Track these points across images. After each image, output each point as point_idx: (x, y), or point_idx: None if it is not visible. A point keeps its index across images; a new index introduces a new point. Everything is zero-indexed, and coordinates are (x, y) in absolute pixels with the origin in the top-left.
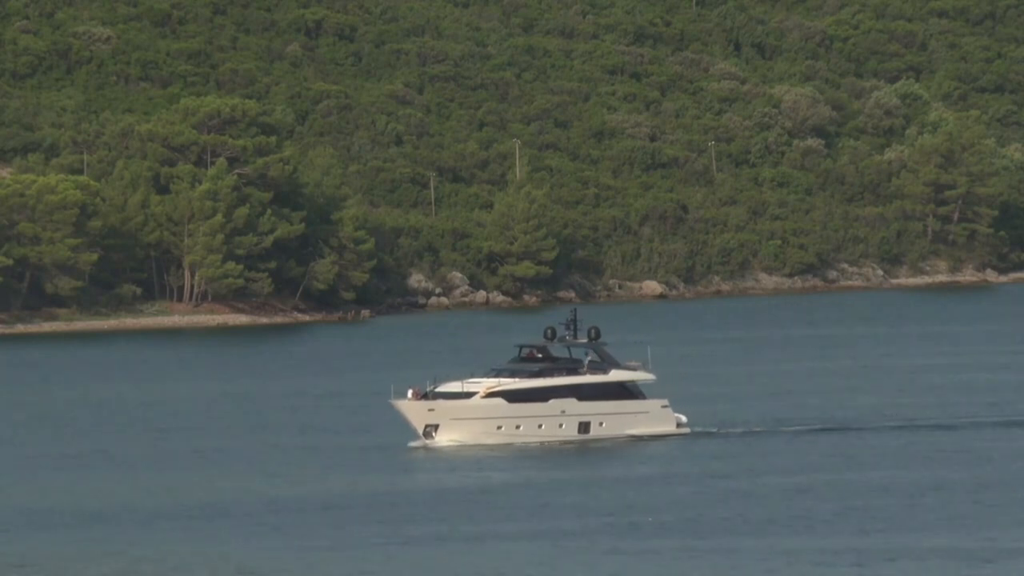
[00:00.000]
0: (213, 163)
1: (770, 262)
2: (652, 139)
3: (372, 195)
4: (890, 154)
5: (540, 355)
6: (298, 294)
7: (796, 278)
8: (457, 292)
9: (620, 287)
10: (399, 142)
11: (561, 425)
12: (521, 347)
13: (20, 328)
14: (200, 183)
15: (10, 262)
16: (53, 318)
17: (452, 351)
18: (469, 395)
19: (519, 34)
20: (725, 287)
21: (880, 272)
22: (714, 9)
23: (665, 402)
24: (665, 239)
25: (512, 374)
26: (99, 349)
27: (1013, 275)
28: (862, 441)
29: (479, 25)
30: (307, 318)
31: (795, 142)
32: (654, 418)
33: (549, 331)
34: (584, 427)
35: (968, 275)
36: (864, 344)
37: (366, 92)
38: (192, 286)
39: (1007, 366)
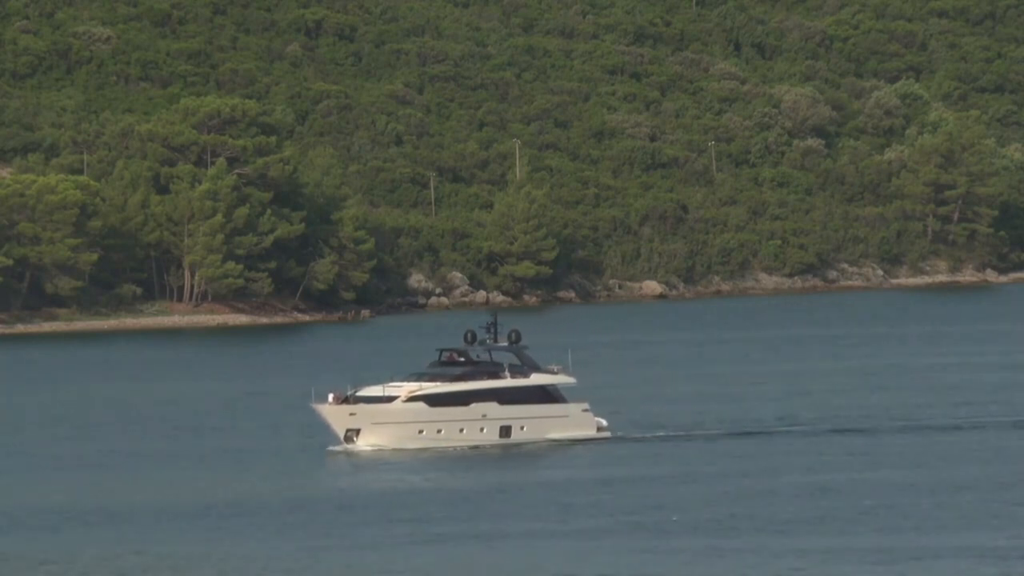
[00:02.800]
0: (213, 163)
1: (770, 262)
2: (652, 139)
3: (372, 195)
4: (890, 154)
5: (461, 359)
6: (298, 294)
7: (796, 278)
8: (457, 292)
9: (620, 287)
10: (399, 142)
11: (482, 429)
12: (441, 351)
13: (20, 328)
14: (200, 183)
15: (10, 262)
16: (53, 318)
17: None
18: (390, 399)
19: (519, 34)
20: (725, 287)
21: (880, 272)
22: (714, 9)
23: (586, 406)
24: (665, 239)
25: (433, 378)
26: (99, 349)
27: (1013, 275)
28: (773, 445)
29: (479, 25)
30: (307, 318)
31: (795, 142)
32: (575, 422)
33: (469, 335)
34: (505, 431)
35: (968, 275)
36: (829, 345)
37: (366, 92)
38: (192, 286)
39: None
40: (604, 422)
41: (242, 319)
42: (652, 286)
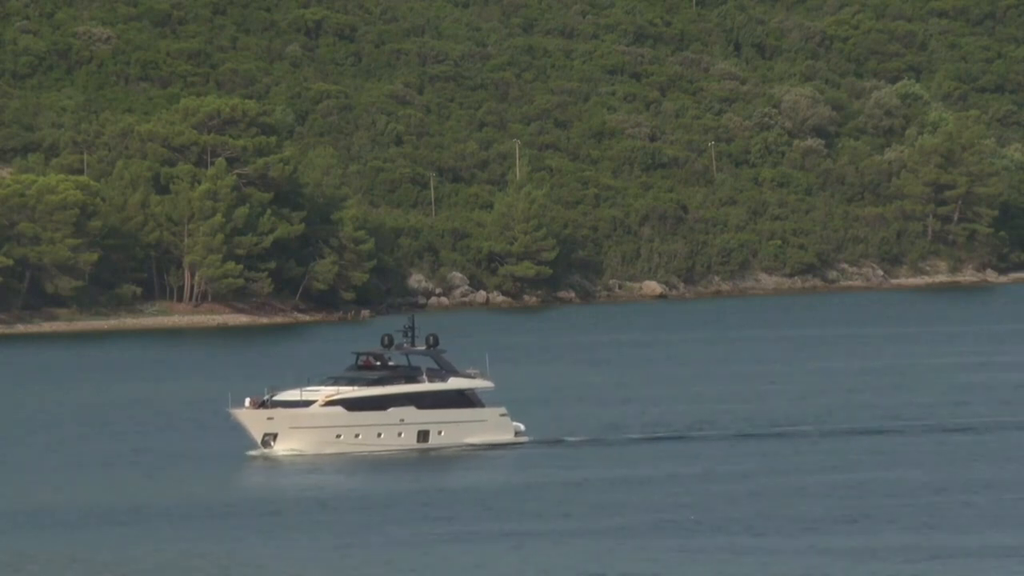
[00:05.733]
0: (213, 163)
1: (770, 262)
2: (652, 139)
3: (372, 195)
4: (890, 154)
5: (378, 363)
6: (298, 294)
7: (796, 278)
8: (457, 292)
9: (620, 287)
10: (399, 142)
11: (400, 434)
12: (358, 354)
13: (20, 328)
14: (200, 183)
15: (10, 262)
16: (53, 318)
17: (458, 351)
18: (308, 403)
19: (519, 34)
20: (725, 287)
21: (880, 272)
22: (714, 9)
23: (503, 410)
24: (665, 239)
25: (350, 382)
26: (99, 349)
27: (1013, 275)
28: (694, 449)
29: (479, 25)
30: (307, 318)
31: (795, 142)
32: (492, 426)
33: (386, 338)
34: (423, 436)
35: (968, 275)
36: (782, 348)
37: (366, 92)
38: (192, 286)
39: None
40: (522, 427)
41: (242, 319)
42: (652, 286)
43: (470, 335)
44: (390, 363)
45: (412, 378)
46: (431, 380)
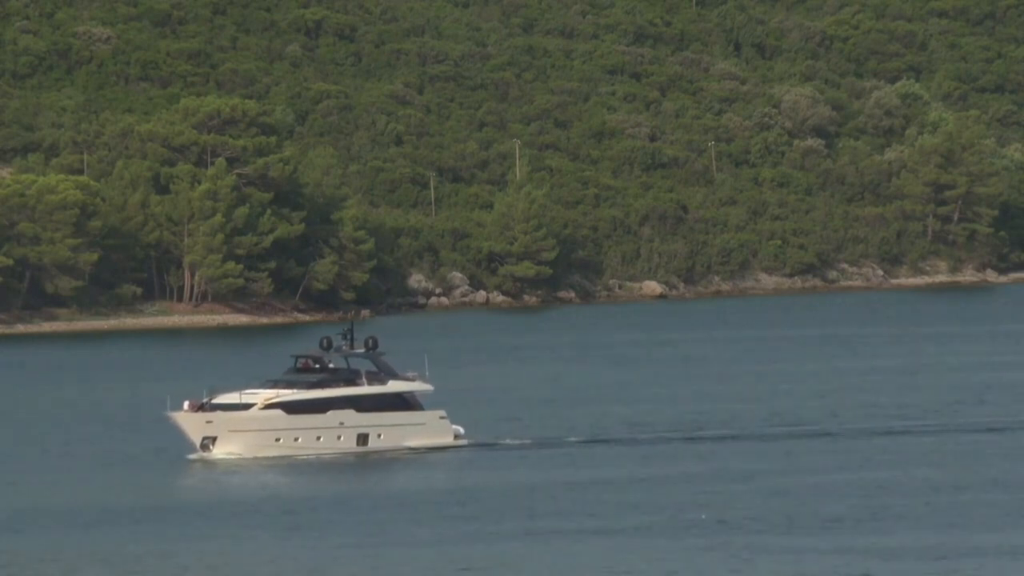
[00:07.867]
0: (213, 163)
1: (770, 262)
2: (652, 139)
3: (372, 195)
4: (890, 154)
5: (316, 365)
6: (298, 294)
7: (796, 278)
8: (457, 292)
9: (620, 287)
10: (399, 142)
11: (340, 437)
12: (297, 357)
13: (20, 328)
14: (200, 183)
15: (10, 262)
16: (53, 318)
17: (457, 351)
18: (247, 406)
19: (519, 34)
20: (725, 287)
21: (880, 272)
22: (714, 9)
23: (443, 413)
24: (665, 239)
25: (289, 385)
26: (101, 349)
27: (1013, 275)
28: (629, 451)
29: (479, 25)
30: (307, 318)
31: (795, 142)
32: (432, 430)
33: (325, 341)
34: (363, 439)
35: (968, 275)
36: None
37: (366, 92)
38: (192, 286)
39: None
40: (461, 430)
41: (242, 319)
42: (652, 286)
43: (469, 335)
44: (329, 366)
45: (351, 381)
46: (370, 383)
